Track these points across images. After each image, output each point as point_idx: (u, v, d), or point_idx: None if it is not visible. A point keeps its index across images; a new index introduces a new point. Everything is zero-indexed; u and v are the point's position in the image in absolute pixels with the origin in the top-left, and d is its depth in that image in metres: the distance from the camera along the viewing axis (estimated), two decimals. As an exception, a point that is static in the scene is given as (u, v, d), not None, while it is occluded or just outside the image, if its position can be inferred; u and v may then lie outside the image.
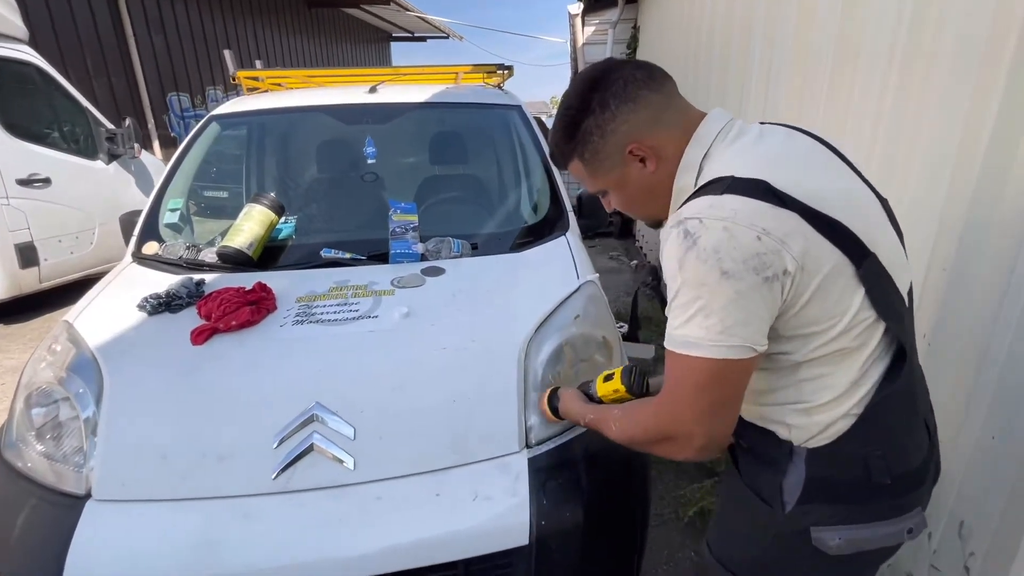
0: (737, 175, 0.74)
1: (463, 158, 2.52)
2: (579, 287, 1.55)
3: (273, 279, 1.58)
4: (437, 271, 1.66)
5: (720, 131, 0.80)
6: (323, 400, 1.21)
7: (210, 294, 1.48)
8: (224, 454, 1.15)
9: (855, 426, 0.78)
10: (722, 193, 0.73)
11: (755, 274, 0.70)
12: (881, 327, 0.76)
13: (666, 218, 0.87)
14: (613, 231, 7.35)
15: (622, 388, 1.02)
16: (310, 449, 1.16)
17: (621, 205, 0.90)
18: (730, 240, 0.71)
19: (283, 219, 1.91)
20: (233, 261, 1.71)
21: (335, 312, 1.44)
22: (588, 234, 2.17)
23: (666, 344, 0.77)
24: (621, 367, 1.04)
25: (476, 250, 1.83)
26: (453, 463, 1.19)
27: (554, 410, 1.15)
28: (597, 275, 1.65)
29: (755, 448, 0.86)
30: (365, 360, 1.30)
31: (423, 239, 1.78)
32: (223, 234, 1.82)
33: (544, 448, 1.25)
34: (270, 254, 1.79)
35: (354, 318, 1.41)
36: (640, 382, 1.01)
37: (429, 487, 1.15)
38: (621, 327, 1.44)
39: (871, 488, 0.79)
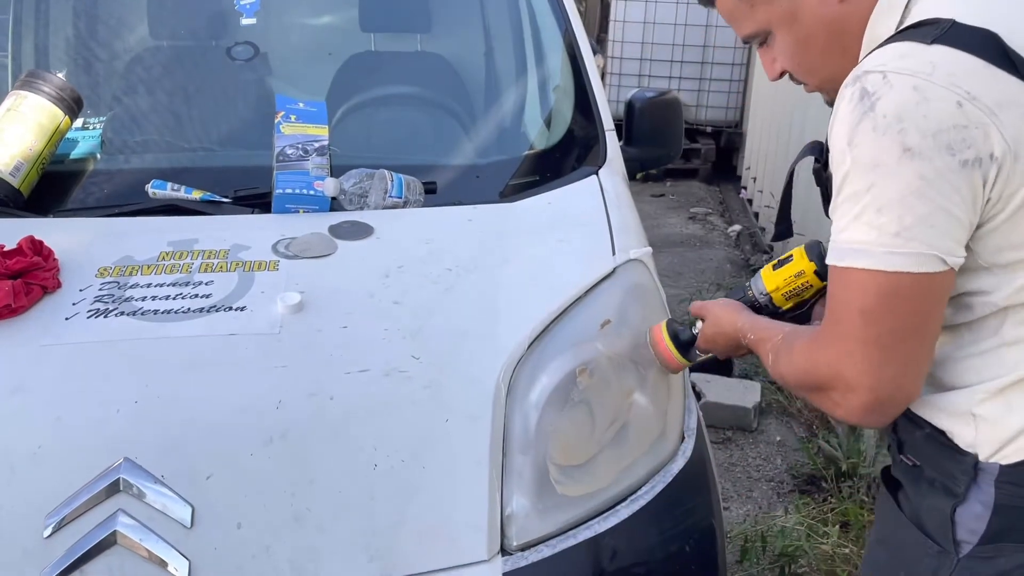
0: (960, 19, 0.88)
1: (421, 22, 2.51)
2: (614, 270, 1.56)
3: (57, 232, 1.58)
4: (359, 230, 1.67)
5: None
6: (137, 455, 1.21)
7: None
8: (-46, 546, 1.15)
9: None
10: (931, 42, 0.87)
11: (949, 153, 0.84)
12: None
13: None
14: (698, 167, 7.36)
15: (808, 268, 1.19)
16: (110, 541, 1.17)
17: (790, 57, 1.05)
18: (920, 104, 0.84)
19: (79, 123, 1.88)
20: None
21: (167, 297, 1.45)
22: (645, 172, 2.17)
23: (828, 257, 0.94)
24: (802, 244, 1.22)
25: (434, 194, 1.83)
26: (368, 578, 1.20)
27: (683, 345, 1.34)
28: (649, 249, 1.67)
29: (923, 461, 1.00)
30: (217, 386, 1.31)
31: (338, 171, 1.78)
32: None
33: (533, 557, 1.26)
34: (53, 186, 1.78)
35: (202, 309, 1.42)
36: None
37: (323, 619, 1.17)
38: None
39: None
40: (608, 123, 2.07)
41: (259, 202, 1.75)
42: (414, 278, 1.54)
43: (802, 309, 1.25)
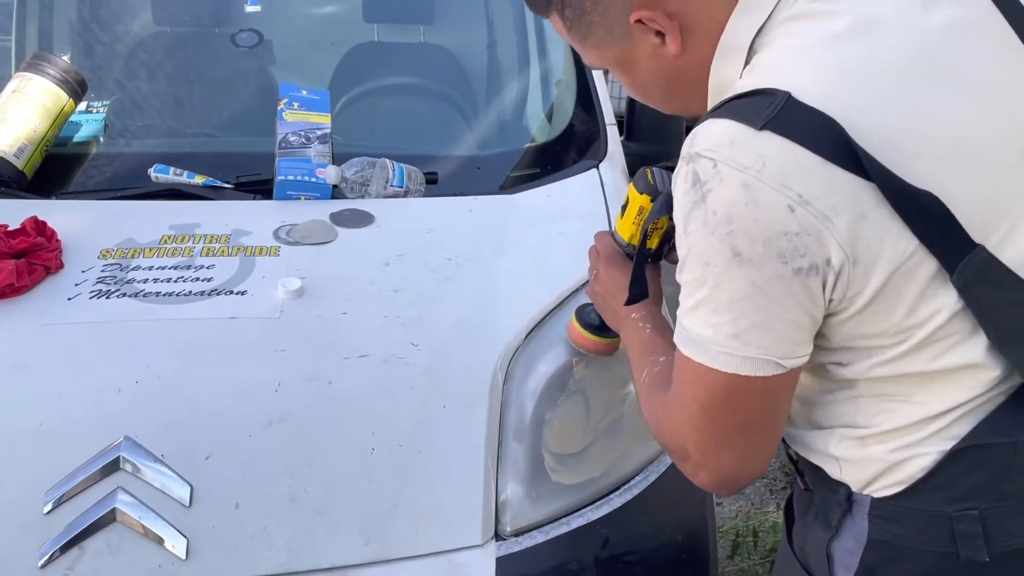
0: (798, 92, 0.77)
1: (425, 13, 2.53)
2: (613, 262, 1.58)
3: (60, 214, 1.59)
4: (360, 218, 1.68)
5: None
6: (137, 434, 1.23)
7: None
8: (-46, 520, 1.17)
9: (939, 468, 0.85)
10: (761, 125, 0.76)
11: (780, 261, 0.77)
12: (990, 351, 0.83)
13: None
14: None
15: (645, 202, 1.11)
16: (110, 518, 1.18)
17: (631, 91, 1.00)
18: (749, 206, 0.76)
19: (83, 106, 1.89)
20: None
21: (169, 280, 1.46)
22: (646, 167, 2.18)
23: (675, 334, 0.88)
24: (632, 180, 1.15)
25: (435, 184, 1.85)
26: (364, 559, 1.22)
27: (594, 328, 1.27)
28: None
29: (814, 487, 0.98)
30: (217, 368, 1.32)
31: (340, 159, 1.79)
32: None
33: (527, 542, 1.28)
34: (56, 168, 1.79)
35: (203, 293, 1.44)
36: (666, 179, 1.10)
37: (318, 600, 1.18)
38: None
39: (961, 567, 0.86)
40: (609, 117, 2.08)
41: (261, 188, 1.76)
42: (414, 267, 1.55)
43: (670, 241, 1.13)
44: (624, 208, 1.15)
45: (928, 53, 0.81)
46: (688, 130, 0.84)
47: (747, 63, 0.85)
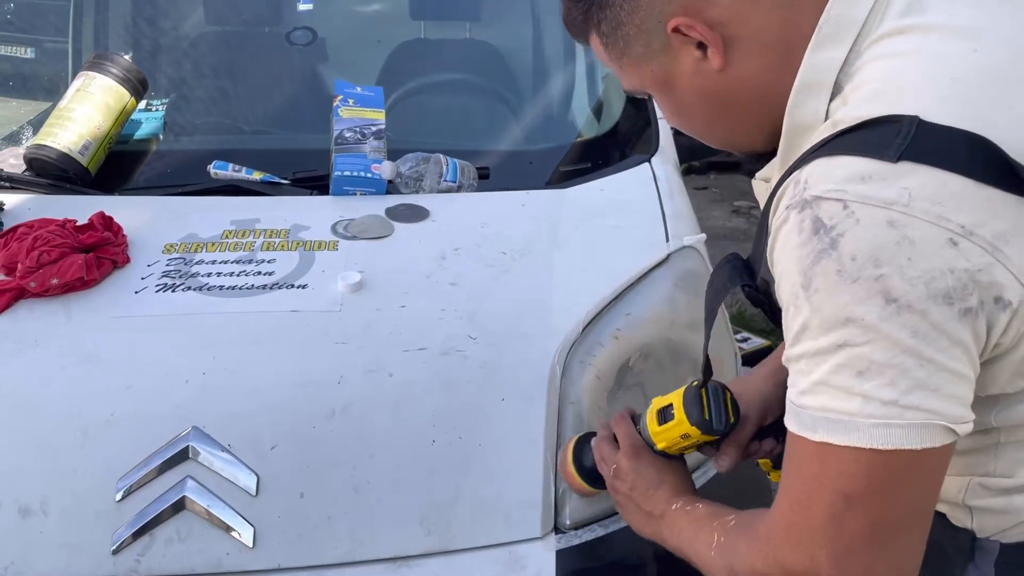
0: (926, 114, 0.68)
1: (471, 10, 2.54)
2: (668, 256, 1.57)
3: (124, 209, 1.62)
4: (416, 213, 1.69)
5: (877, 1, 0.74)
6: (205, 424, 1.25)
7: (11, 230, 1.51)
8: (29, 508, 1.20)
9: None
10: (897, 156, 0.67)
11: (946, 304, 0.66)
12: None
13: (758, 147, 0.86)
14: (741, 159, 7.24)
15: (693, 432, 0.98)
16: (179, 507, 1.21)
17: (674, 121, 0.92)
18: (901, 245, 0.66)
19: (144, 104, 1.92)
20: (53, 173, 1.74)
21: (232, 274, 1.49)
22: (696, 163, 2.17)
23: (789, 422, 0.74)
24: (683, 387, 1.01)
25: (487, 180, 1.85)
26: (425, 550, 1.23)
27: (588, 474, 1.10)
28: (703, 236, 1.67)
29: None
30: (281, 360, 1.34)
31: (393, 154, 1.81)
32: (33, 124, 1.86)
33: (586, 536, 1.28)
34: (119, 165, 1.82)
35: (265, 286, 1.46)
36: (722, 413, 0.98)
37: (381, 590, 1.20)
38: (742, 339, 1.45)
39: None
40: (660, 111, 2.07)
41: (317, 184, 1.78)
42: (470, 260, 1.56)
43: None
44: (664, 415, 1.01)
45: None
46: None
47: (830, 103, 0.76)
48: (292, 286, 1.46)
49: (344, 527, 1.23)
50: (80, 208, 1.59)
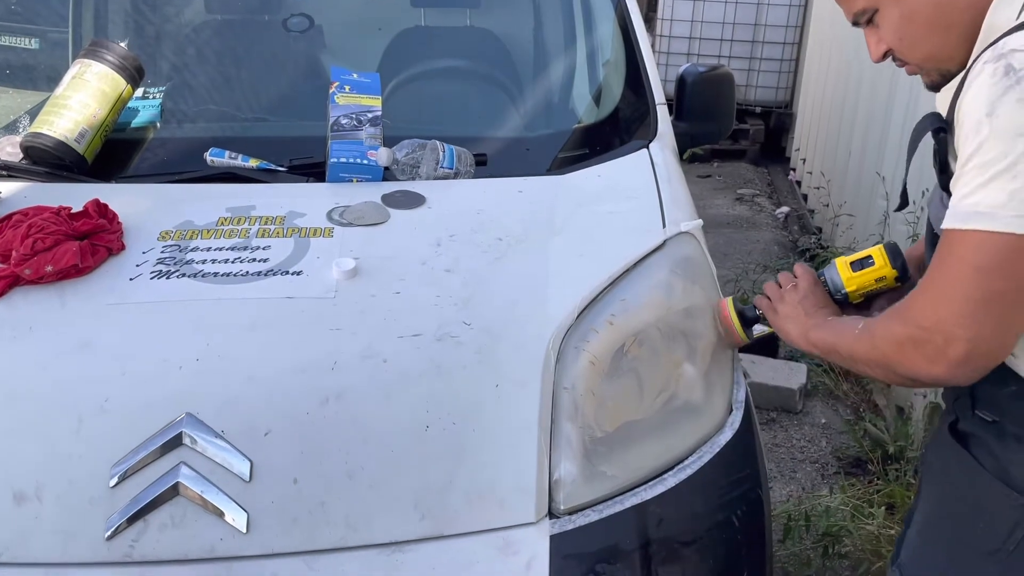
0: None
1: (472, -3, 2.54)
2: (664, 242, 1.57)
3: (120, 197, 1.62)
4: (411, 199, 1.69)
5: None
6: (198, 410, 1.26)
7: (6, 217, 1.51)
8: (24, 494, 1.21)
9: None
10: None
11: None
12: None
13: (958, 67, 1.06)
14: (746, 147, 7.30)
15: (891, 274, 1.30)
16: (173, 492, 1.21)
17: (895, 32, 1.09)
18: None
19: (140, 92, 1.93)
20: (49, 162, 1.75)
21: (226, 260, 1.49)
22: (696, 150, 2.17)
23: (945, 222, 0.97)
24: (880, 244, 1.32)
25: (484, 166, 1.85)
26: (419, 535, 1.24)
27: (746, 321, 1.47)
28: (700, 222, 1.66)
29: (1003, 417, 1.04)
30: (275, 347, 1.35)
31: (389, 141, 1.80)
32: (31, 113, 1.84)
33: (580, 521, 1.28)
34: (115, 153, 1.82)
35: (260, 273, 1.46)
36: (904, 265, 1.31)
37: (373, 574, 1.19)
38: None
39: None
40: (659, 97, 2.06)
41: (313, 171, 1.78)
42: (465, 247, 1.56)
43: (868, 301, 1.36)
44: (861, 263, 1.33)
45: None
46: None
47: (1021, 11, 0.96)
48: (287, 273, 1.46)
49: (338, 512, 1.23)
50: (76, 196, 1.59)
